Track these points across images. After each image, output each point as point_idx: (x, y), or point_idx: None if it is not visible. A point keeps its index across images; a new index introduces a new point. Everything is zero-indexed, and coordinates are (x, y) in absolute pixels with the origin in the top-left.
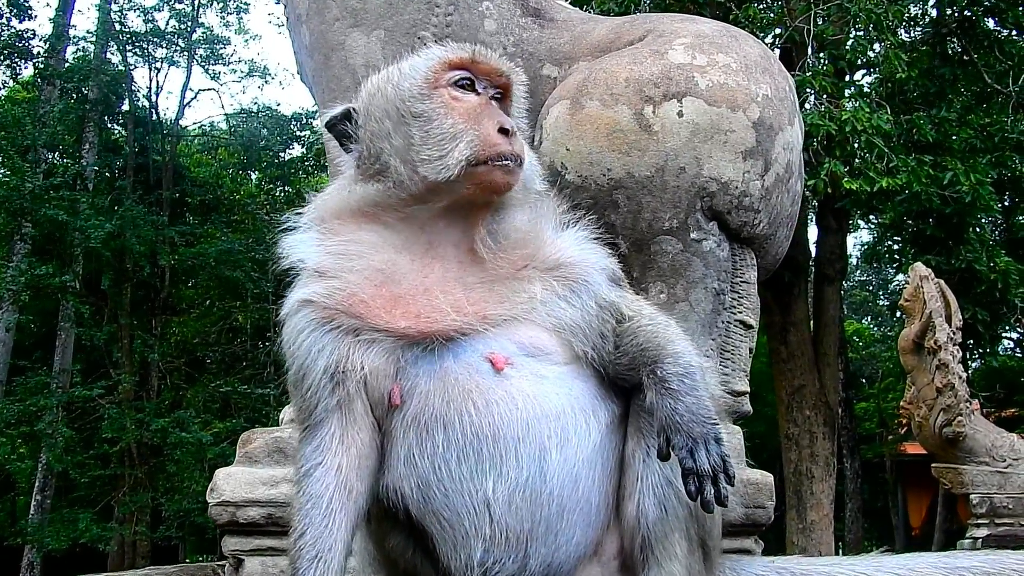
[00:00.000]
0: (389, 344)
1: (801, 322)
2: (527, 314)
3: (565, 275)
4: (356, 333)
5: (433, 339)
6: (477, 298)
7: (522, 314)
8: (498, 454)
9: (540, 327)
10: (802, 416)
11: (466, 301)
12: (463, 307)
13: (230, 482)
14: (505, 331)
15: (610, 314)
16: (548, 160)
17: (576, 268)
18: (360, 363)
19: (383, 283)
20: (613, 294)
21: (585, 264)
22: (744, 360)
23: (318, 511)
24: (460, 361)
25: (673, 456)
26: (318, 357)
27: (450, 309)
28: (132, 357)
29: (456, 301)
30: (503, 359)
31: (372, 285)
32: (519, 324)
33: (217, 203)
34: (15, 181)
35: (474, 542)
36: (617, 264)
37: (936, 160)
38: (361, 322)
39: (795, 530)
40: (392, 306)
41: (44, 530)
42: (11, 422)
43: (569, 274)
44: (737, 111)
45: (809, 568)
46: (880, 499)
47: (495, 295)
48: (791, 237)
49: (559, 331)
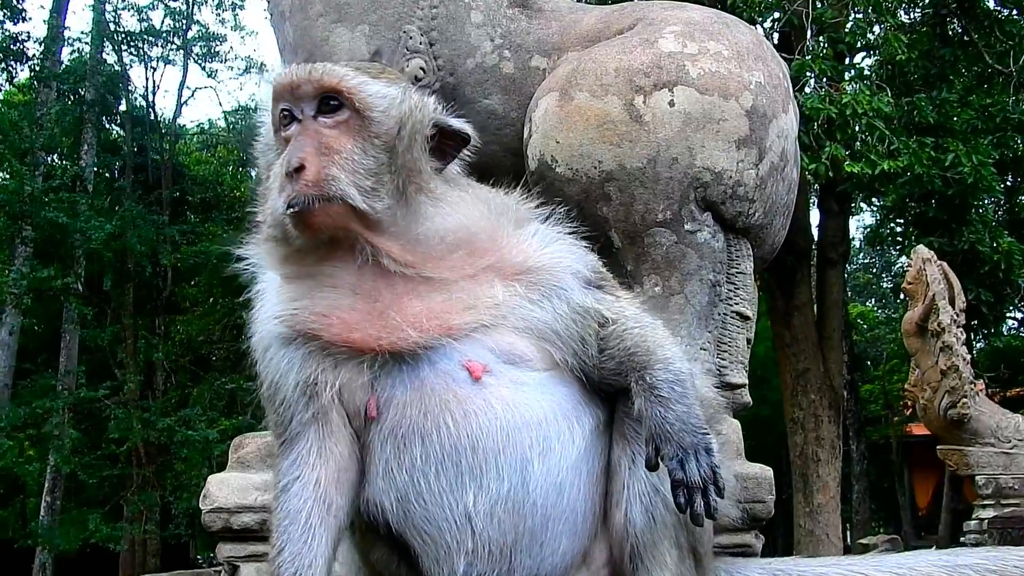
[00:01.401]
0: (359, 360)
1: (805, 306)
2: (497, 320)
3: (533, 280)
4: (323, 350)
5: (401, 355)
6: (438, 309)
7: (491, 320)
8: (478, 466)
9: (515, 333)
10: (807, 400)
11: (425, 315)
12: (421, 323)
13: (223, 488)
14: (481, 338)
15: (591, 318)
16: (538, 152)
17: (544, 273)
18: (331, 378)
19: (336, 320)
20: (589, 298)
21: (555, 269)
22: (742, 352)
23: (296, 527)
24: (436, 370)
25: (661, 465)
26: (288, 372)
27: (408, 328)
28: (137, 357)
29: (414, 317)
30: (480, 367)
31: (328, 322)
32: (493, 331)
33: (217, 201)
34: (14, 185)
35: (456, 556)
36: (596, 260)
37: (937, 142)
38: (327, 342)
39: (802, 513)
40: (350, 332)
41: (55, 532)
42: (18, 425)
43: (537, 279)
44: (729, 99)
45: (806, 569)
46: (886, 480)
47: (456, 303)
48: (788, 225)
49: (535, 337)
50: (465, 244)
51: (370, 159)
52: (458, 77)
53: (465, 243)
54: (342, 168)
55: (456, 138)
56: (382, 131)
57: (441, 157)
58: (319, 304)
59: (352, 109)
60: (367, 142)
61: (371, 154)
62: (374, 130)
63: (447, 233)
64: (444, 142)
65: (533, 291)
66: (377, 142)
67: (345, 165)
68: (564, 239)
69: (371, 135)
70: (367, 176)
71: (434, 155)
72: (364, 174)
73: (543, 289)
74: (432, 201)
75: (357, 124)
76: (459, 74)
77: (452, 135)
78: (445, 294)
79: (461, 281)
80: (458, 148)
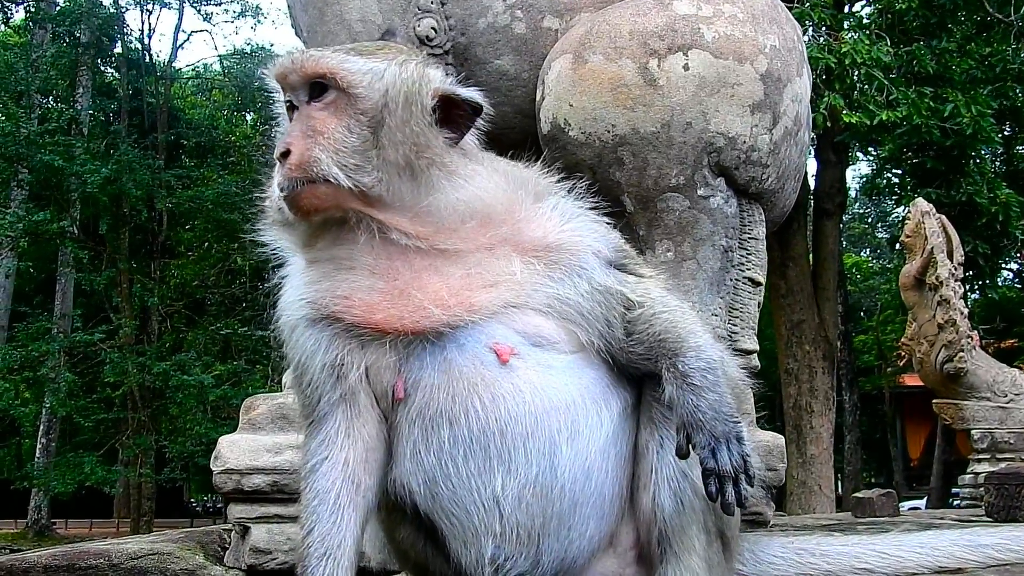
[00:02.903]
0: (384, 341)
1: (800, 257)
2: (521, 299)
3: (554, 258)
4: (348, 331)
5: (426, 336)
6: (458, 285)
7: (515, 299)
8: (506, 450)
9: (541, 314)
10: (801, 351)
11: (446, 292)
12: (443, 300)
13: (234, 450)
14: (508, 320)
15: (615, 300)
16: (551, 116)
17: (564, 252)
18: (357, 359)
19: (358, 302)
20: (611, 279)
21: (576, 247)
22: (752, 317)
23: (325, 507)
24: (464, 352)
25: (691, 452)
26: (315, 353)
27: (431, 306)
28: (132, 301)
29: (435, 294)
30: (508, 350)
31: (349, 304)
32: (519, 312)
33: (213, 145)
34: (10, 127)
35: (484, 539)
36: (618, 237)
37: (936, 92)
38: (351, 324)
39: (795, 464)
40: (372, 314)
41: (50, 474)
42: (14, 367)
43: (558, 258)
44: (744, 63)
45: (829, 548)
46: (879, 431)
47: (476, 278)
48: (799, 189)
49: (560, 318)
50: (479, 215)
51: (354, 136)
52: (469, 37)
53: (479, 214)
54: (325, 148)
55: (467, 108)
56: (367, 107)
57: (456, 129)
58: (340, 287)
59: (338, 89)
60: (352, 119)
61: (356, 131)
62: (359, 106)
63: (460, 204)
64: (455, 112)
65: (554, 269)
66: (363, 118)
67: (328, 145)
68: (585, 215)
69: (357, 112)
70: (352, 154)
71: (446, 127)
72: (348, 152)
73: (564, 268)
74: (445, 174)
75: (344, 103)
76: (470, 34)
77: (463, 105)
78: (463, 268)
79: (477, 253)
80: (471, 118)
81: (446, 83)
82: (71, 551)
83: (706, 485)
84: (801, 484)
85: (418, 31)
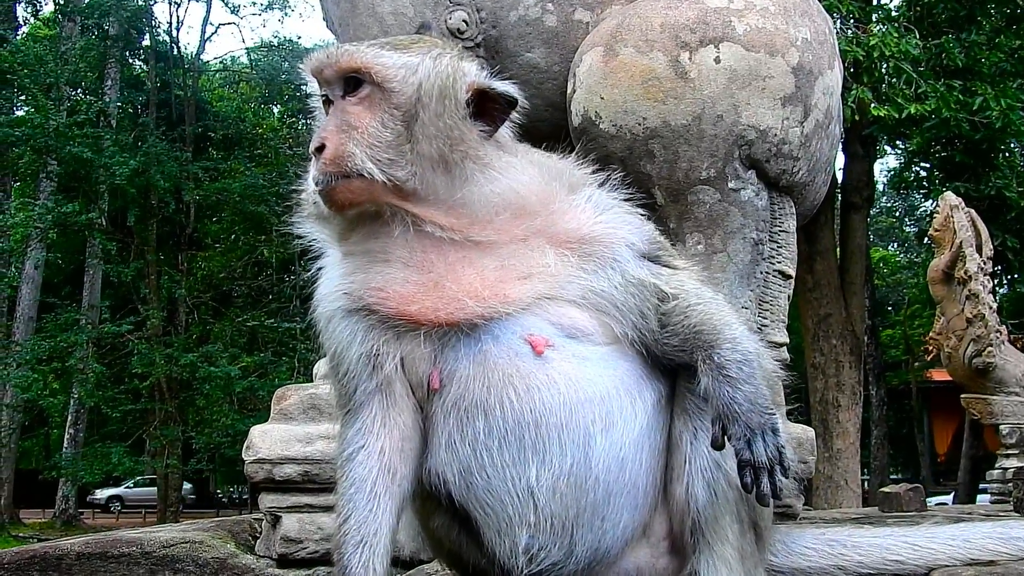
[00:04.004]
0: (419, 332)
1: (827, 251)
2: (555, 291)
3: (587, 251)
4: (383, 322)
5: (460, 327)
6: (492, 278)
7: (548, 291)
8: (541, 441)
9: (575, 306)
10: (828, 345)
11: (480, 283)
12: (478, 292)
13: (266, 440)
14: (542, 312)
15: (648, 292)
16: (582, 109)
17: (598, 244)
18: (393, 349)
19: (393, 294)
20: (645, 271)
21: (609, 240)
22: (783, 310)
23: (362, 495)
24: (499, 344)
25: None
26: (351, 343)
27: (465, 298)
28: (159, 293)
29: (470, 286)
30: (543, 341)
31: (384, 295)
32: (553, 303)
33: (240, 138)
34: (39, 119)
35: (518, 529)
36: (653, 229)
37: (965, 85)
38: (386, 315)
39: (821, 458)
40: (407, 306)
41: (78, 463)
42: (42, 358)
43: (591, 250)
44: (776, 56)
45: (860, 540)
46: (906, 426)
47: (510, 270)
48: (828, 182)
49: (595, 310)
50: (514, 207)
51: (388, 131)
52: (501, 30)
53: (514, 205)
54: (359, 143)
55: (502, 101)
56: (401, 101)
57: (490, 122)
58: (375, 279)
59: (372, 84)
60: (386, 114)
61: (390, 125)
62: (394, 101)
63: (494, 196)
64: (489, 105)
65: (588, 262)
66: (397, 113)
67: (362, 140)
68: (620, 206)
69: (391, 106)
70: (386, 148)
71: (481, 120)
72: (383, 147)
73: (597, 260)
74: (480, 167)
75: (378, 98)
76: (502, 27)
77: (497, 98)
78: (497, 260)
79: (512, 244)
80: (505, 111)
81: (481, 76)
82: (104, 539)
83: (741, 477)
84: (827, 479)
85: (449, 24)
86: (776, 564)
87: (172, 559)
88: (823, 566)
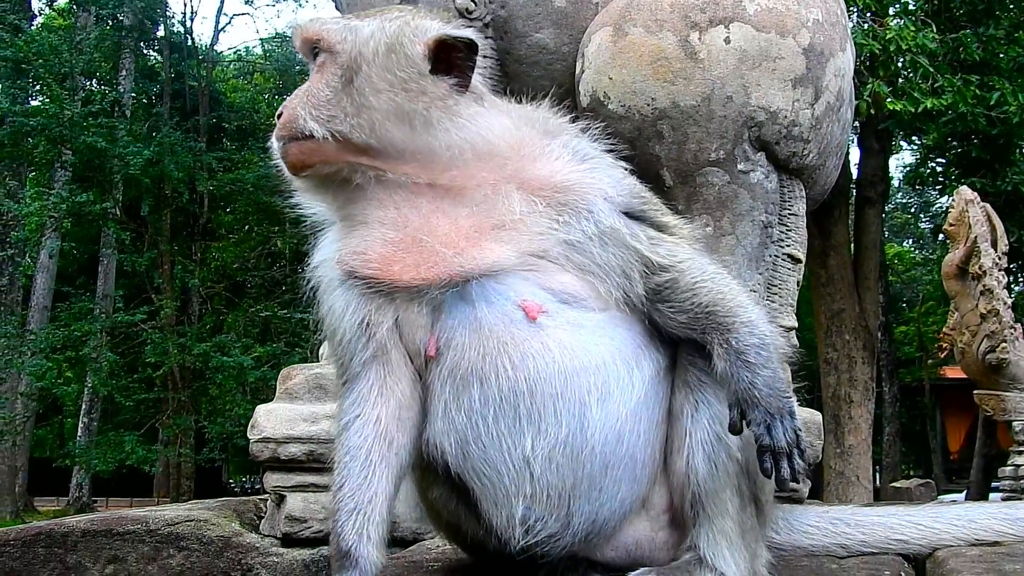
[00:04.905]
0: (410, 296)
1: (841, 245)
2: (532, 245)
3: (561, 200)
4: (373, 288)
5: (450, 286)
6: (467, 227)
7: (527, 245)
8: (536, 410)
9: (560, 268)
10: (841, 340)
11: (456, 235)
12: (455, 242)
13: (271, 419)
14: (531, 274)
15: (631, 252)
16: (590, 89)
17: (572, 193)
18: (386, 316)
19: (374, 255)
20: (623, 226)
21: (584, 190)
22: (792, 295)
23: (356, 463)
24: (494, 310)
25: (724, 412)
26: (344, 312)
27: (443, 248)
28: (173, 282)
29: (447, 238)
30: (536, 307)
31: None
32: (538, 262)
33: (254, 128)
34: (54, 109)
35: (515, 500)
36: (634, 183)
37: (983, 80)
38: (372, 279)
39: (833, 454)
40: (389, 266)
41: (92, 452)
42: (56, 347)
43: (567, 200)
44: (786, 37)
45: (864, 519)
46: (918, 423)
47: (485, 220)
48: (840, 166)
49: (578, 270)
50: (481, 152)
51: (329, 89)
52: (509, 10)
53: (481, 151)
54: (304, 105)
55: (463, 48)
56: (343, 60)
57: (460, 73)
58: (357, 243)
59: (325, 51)
60: (330, 74)
61: (332, 84)
62: (337, 61)
63: (463, 143)
64: (455, 57)
65: (562, 212)
66: (338, 71)
67: (308, 101)
68: (600, 157)
69: (335, 66)
70: (326, 105)
71: (452, 74)
72: (323, 104)
73: (572, 211)
74: (448, 116)
75: (328, 61)
76: (510, 7)
77: (458, 47)
78: (469, 207)
79: (482, 189)
80: (471, 60)
81: (442, 29)
82: (109, 517)
83: (761, 462)
84: (839, 474)
85: (457, 3)
86: (778, 541)
87: (177, 537)
88: (826, 544)
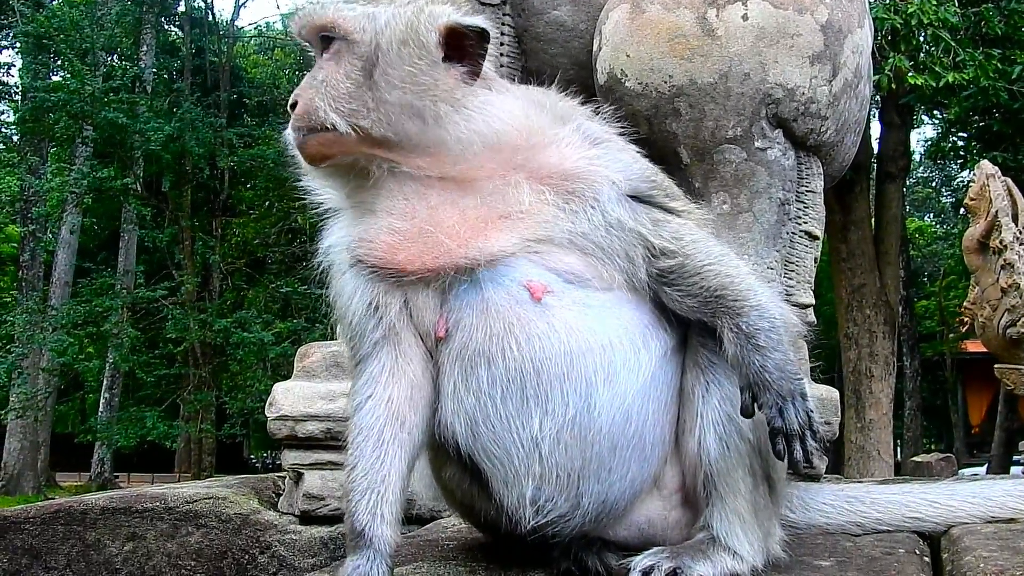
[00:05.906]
0: (416, 281)
1: (862, 220)
2: (539, 232)
3: (569, 188)
4: (378, 272)
5: (456, 273)
6: (473, 218)
7: (532, 233)
8: (543, 391)
9: (563, 249)
10: (862, 315)
11: (462, 227)
12: (460, 234)
13: (288, 397)
14: (535, 255)
15: (634, 237)
16: (608, 66)
17: (579, 182)
18: (394, 299)
19: (380, 243)
20: (627, 213)
21: (590, 177)
22: (809, 271)
23: (369, 443)
24: (500, 290)
25: (735, 393)
26: (354, 295)
27: (448, 240)
28: (194, 258)
29: (452, 230)
30: (541, 287)
31: (373, 246)
32: (541, 245)
33: (274, 104)
34: (75, 84)
35: (524, 480)
36: (646, 167)
37: (1004, 53)
38: (378, 266)
39: (853, 429)
40: (394, 255)
41: (113, 428)
42: (78, 323)
43: (574, 188)
44: (804, 13)
45: (879, 496)
46: (939, 397)
47: (493, 211)
48: (859, 143)
49: (580, 251)
50: (489, 142)
51: (350, 81)
52: None
53: (489, 141)
54: (324, 96)
55: (474, 36)
56: (362, 51)
57: (471, 61)
58: (365, 231)
59: (339, 38)
60: (350, 65)
61: (353, 76)
62: (356, 51)
63: (473, 135)
64: (466, 44)
65: (569, 200)
66: (358, 63)
67: (327, 93)
68: (611, 140)
69: (354, 57)
70: (349, 99)
71: (464, 61)
72: (346, 97)
73: (579, 199)
74: (456, 108)
75: (345, 50)
76: None
77: (470, 34)
78: (478, 198)
79: (491, 181)
80: (482, 47)
81: (453, 16)
82: (128, 495)
83: (773, 445)
84: (859, 449)
85: None
86: (793, 520)
87: (195, 514)
88: (841, 523)
